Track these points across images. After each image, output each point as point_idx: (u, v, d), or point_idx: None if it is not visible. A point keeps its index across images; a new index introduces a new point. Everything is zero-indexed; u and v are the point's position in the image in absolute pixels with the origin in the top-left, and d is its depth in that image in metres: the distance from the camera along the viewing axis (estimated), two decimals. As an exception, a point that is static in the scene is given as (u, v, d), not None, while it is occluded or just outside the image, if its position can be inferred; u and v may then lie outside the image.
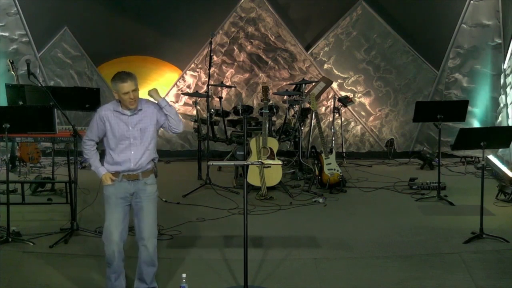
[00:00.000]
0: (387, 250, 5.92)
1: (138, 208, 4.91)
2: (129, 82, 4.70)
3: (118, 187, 4.83)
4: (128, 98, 4.72)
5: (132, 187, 4.87)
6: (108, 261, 4.87)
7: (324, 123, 9.89)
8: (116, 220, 4.83)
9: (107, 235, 4.82)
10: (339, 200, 7.64)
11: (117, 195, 4.83)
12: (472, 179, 8.61)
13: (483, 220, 6.10)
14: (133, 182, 4.86)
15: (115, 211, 4.83)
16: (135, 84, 4.74)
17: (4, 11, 9.42)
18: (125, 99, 4.73)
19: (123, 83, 4.69)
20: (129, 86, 4.70)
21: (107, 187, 4.84)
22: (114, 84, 4.74)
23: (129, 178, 4.85)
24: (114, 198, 4.83)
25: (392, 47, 9.85)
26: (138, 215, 4.91)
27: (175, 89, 9.96)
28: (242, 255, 4.93)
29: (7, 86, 7.32)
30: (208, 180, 7.96)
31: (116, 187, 4.83)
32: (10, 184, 6.11)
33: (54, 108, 6.02)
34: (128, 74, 4.75)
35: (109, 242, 4.82)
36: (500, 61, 9.46)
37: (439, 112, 7.31)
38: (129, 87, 4.70)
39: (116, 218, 4.83)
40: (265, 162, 6.87)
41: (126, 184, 4.85)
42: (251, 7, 9.85)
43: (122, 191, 4.84)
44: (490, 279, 5.26)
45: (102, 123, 4.81)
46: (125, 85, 4.69)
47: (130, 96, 4.71)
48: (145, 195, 4.91)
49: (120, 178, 4.83)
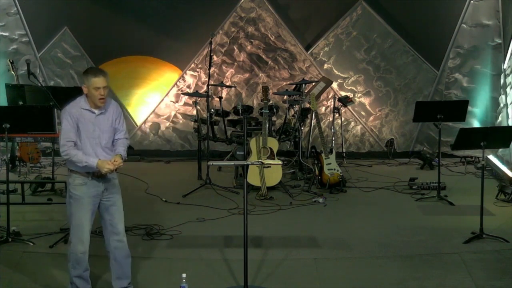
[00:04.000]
0: (387, 250, 5.92)
1: (110, 203, 4.84)
2: (102, 78, 4.66)
3: (89, 187, 4.74)
4: (99, 94, 4.65)
5: (102, 184, 4.79)
6: (77, 261, 4.76)
7: (324, 123, 9.89)
8: (88, 219, 4.76)
9: (79, 234, 4.73)
10: (339, 200, 7.64)
11: (89, 194, 4.74)
12: (472, 179, 8.61)
13: (483, 220, 6.10)
14: (102, 179, 4.77)
15: (87, 210, 4.74)
16: (107, 82, 4.70)
17: (4, 11, 9.43)
18: (95, 95, 4.65)
19: (96, 78, 4.63)
20: (101, 82, 4.65)
21: (78, 187, 4.72)
22: (85, 78, 4.67)
23: (98, 176, 4.75)
24: (86, 197, 4.73)
25: (392, 47, 9.85)
26: (110, 211, 4.84)
27: (175, 89, 9.96)
28: (242, 255, 4.92)
29: (7, 86, 7.32)
30: (208, 180, 7.96)
31: (88, 187, 4.73)
32: (10, 184, 6.11)
33: (54, 108, 6.02)
34: (102, 70, 4.74)
35: (81, 242, 4.73)
36: (500, 61, 9.46)
37: (439, 112, 7.31)
38: (101, 83, 4.65)
39: (88, 217, 4.75)
40: (265, 162, 6.87)
41: (96, 182, 4.76)
42: (251, 7, 9.85)
43: (94, 190, 4.76)
44: (490, 279, 5.26)
45: (73, 121, 4.68)
46: (97, 80, 4.63)
47: (100, 92, 4.65)
48: (115, 189, 4.87)
49: (90, 177, 4.74)
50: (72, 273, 4.80)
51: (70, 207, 4.75)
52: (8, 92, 7.24)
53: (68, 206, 4.77)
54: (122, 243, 4.89)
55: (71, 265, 4.79)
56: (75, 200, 4.73)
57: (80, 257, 4.75)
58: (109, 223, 4.85)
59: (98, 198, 4.79)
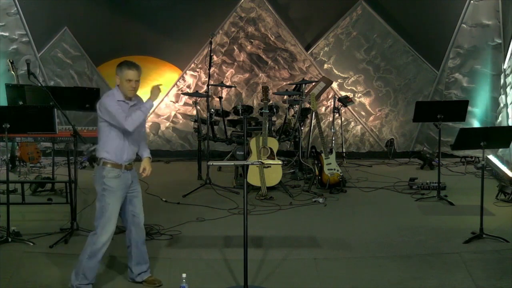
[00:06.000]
0: (387, 250, 5.92)
1: (134, 195, 5.04)
2: (135, 71, 4.85)
3: (122, 179, 4.92)
4: (130, 86, 4.84)
5: (130, 176, 4.98)
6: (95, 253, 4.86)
7: (324, 123, 9.89)
8: (117, 212, 4.93)
9: (108, 226, 4.86)
10: (339, 200, 7.64)
11: (122, 186, 4.92)
12: (472, 179, 8.61)
13: (483, 220, 6.10)
14: (130, 172, 4.97)
15: (120, 202, 4.93)
16: (139, 76, 4.89)
17: (4, 11, 9.42)
18: (126, 87, 4.84)
19: (129, 70, 4.84)
20: (134, 75, 4.84)
21: (113, 179, 4.86)
22: (119, 70, 4.86)
23: (128, 169, 4.95)
24: (119, 191, 4.90)
25: (392, 47, 9.85)
26: (134, 202, 5.04)
27: (175, 89, 9.96)
28: (242, 255, 4.93)
29: (7, 86, 7.31)
30: (208, 180, 7.96)
31: (121, 179, 4.90)
32: (10, 184, 6.11)
33: (54, 108, 6.02)
34: (136, 64, 4.91)
35: (107, 233, 4.87)
36: (500, 61, 9.46)
37: (439, 112, 7.31)
38: (134, 76, 4.84)
39: (118, 209, 4.94)
40: (265, 162, 6.87)
41: (127, 175, 4.95)
42: (251, 7, 9.85)
43: (125, 182, 4.95)
44: (490, 279, 5.26)
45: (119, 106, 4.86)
46: (130, 72, 4.83)
47: (132, 84, 4.85)
48: (137, 181, 5.08)
49: (123, 169, 4.91)
50: (85, 263, 4.89)
51: (104, 199, 4.88)
52: (8, 92, 7.23)
53: (101, 198, 4.89)
54: (143, 231, 5.12)
55: (88, 256, 4.88)
56: (110, 193, 4.87)
57: (100, 248, 4.88)
58: (132, 214, 5.03)
59: (127, 190, 4.97)
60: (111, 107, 4.79)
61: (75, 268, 4.93)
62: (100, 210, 4.89)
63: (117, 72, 4.88)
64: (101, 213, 4.87)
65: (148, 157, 5.16)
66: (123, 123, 4.80)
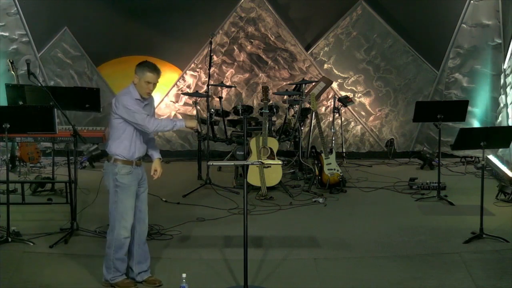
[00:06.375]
0: (387, 250, 5.92)
1: (142, 190, 5.11)
2: (156, 75, 4.93)
3: (134, 175, 4.98)
4: (148, 88, 4.91)
5: (140, 172, 5.07)
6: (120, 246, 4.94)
7: (324, 123, 9.89)
8: (133, 206, 4.99)
9: (123, 221, 4.93)
10: (339, 200, 7.64)
11: (134, 182, 4.99)
12: (472, 179, 8.61)
13: (483, 220, 6.10)
14: (140, 168, 5.05)
15: (133, 198, 4.99)
16: (158, 80, 4.96)
17: (4, 11, 9.42)
18: (144, 87, 4.90)
19: (151, 73, 4.90)
20: (154, 78, 4.92)
21: (125, 176, 4.92)
22: (141, 70, 4.90)
23: (138, 165, 5.03)
24: (133, 186, 4.98)
25: (392, 47, 9.85)
26: (141, 197, 5.11)
27: (175, 89, 9.96)
28: (242, 255, 4.93)
29: (7, 86, 7.31)
30: (208, 180, 7.96)
31: (133, 175, 4.97)
32: (10, 184, 6.11)
33: (54, 108, 6.01)
34: (158, 68, 4.96)
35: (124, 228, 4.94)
36: (500, 61, 9.46)
37: (439, 112, 7.31)
38: (154, 79, 4.92)
39: (133, 204, 4.99)
40: (265, 162, 6.87)
41: (138, 171, 5.03)
42: (251, 7, 9.85)
43: (137, 178, 5.02)
44: (490, 279, 5.26)
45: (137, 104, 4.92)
46: (151, 76, 4.90)
47: (150, 87, 4.92)
48: (145, 176, 5.14)
49: (134, 165, 4.98)
50: (114, 256, 4.98)
51: (116, 195, 4.94)
52: (8, 92, 7.23)
53: (114, 194, 4.95)
54: (146, 228, 5.17)
55: (114, 250, 4.96)
56: (123, 189, 4.94)
57: (124, 242, 4.96)
58: (138, 209, 5.08)
59: (137, 185, 5.03)
60: (131, 105, 4.86)
61: (105, 263, 5.03)
62: (112, 207, 4.96)
63: (136, 71, 4.91)
64: (114, 209, 4.95)
65: (159, 158, 5.21)
66: (145, 123, 4.86)
